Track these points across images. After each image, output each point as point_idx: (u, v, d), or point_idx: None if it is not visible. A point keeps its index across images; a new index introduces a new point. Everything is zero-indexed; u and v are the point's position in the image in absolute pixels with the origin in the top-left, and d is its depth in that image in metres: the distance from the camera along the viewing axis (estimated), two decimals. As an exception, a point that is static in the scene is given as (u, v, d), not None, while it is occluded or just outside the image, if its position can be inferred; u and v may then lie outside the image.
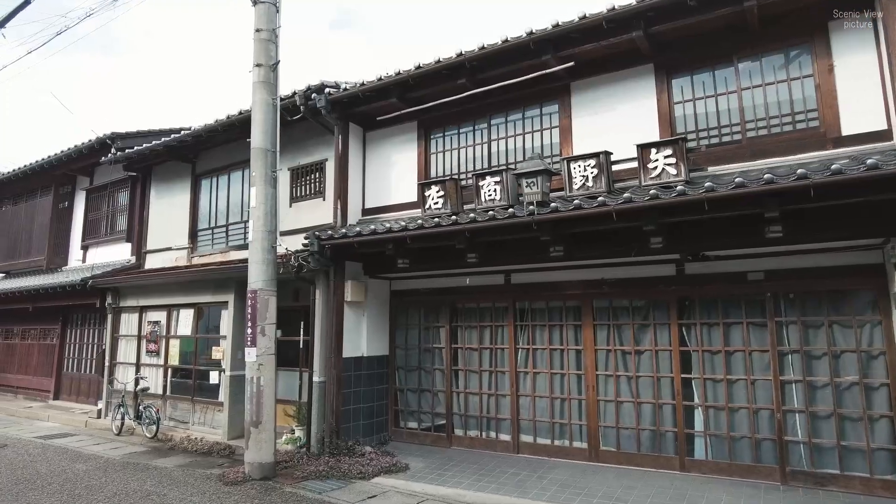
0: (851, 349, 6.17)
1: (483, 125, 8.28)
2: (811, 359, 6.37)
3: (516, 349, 8.15)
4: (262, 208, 7.65)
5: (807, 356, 6.37)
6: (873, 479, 5.87)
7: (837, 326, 6.29)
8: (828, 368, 6.24)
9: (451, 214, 7.21)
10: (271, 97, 7.88)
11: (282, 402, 9.49)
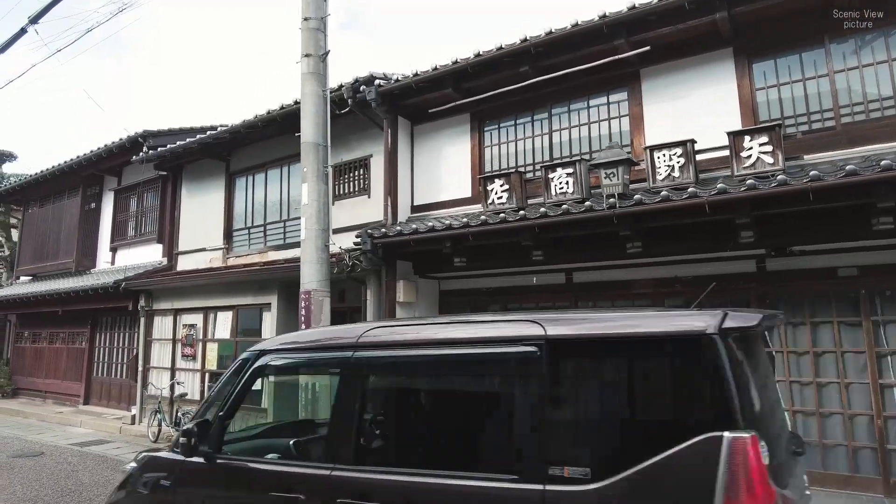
0: (960, 350, 5.73)
1: (543, 115, 7.88)
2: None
3: (579, 351, 7.73)
4: (314, 206, 7.28)
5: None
6: None
7: (943, 325, 5.86)
8: (934, 371, 5.81)
9: (517, 209, 6.81)
10: (321, 88, 7.51)
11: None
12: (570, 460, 2.30)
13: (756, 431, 2.08)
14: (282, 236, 10.29)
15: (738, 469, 2.01)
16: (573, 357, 2.52)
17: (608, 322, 2.62)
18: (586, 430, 2.46)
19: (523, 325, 2.65)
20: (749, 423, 2.10)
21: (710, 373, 2.17)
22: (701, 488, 2.04)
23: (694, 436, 2.09)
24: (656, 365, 2.40)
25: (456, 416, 3.00)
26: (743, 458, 2.02)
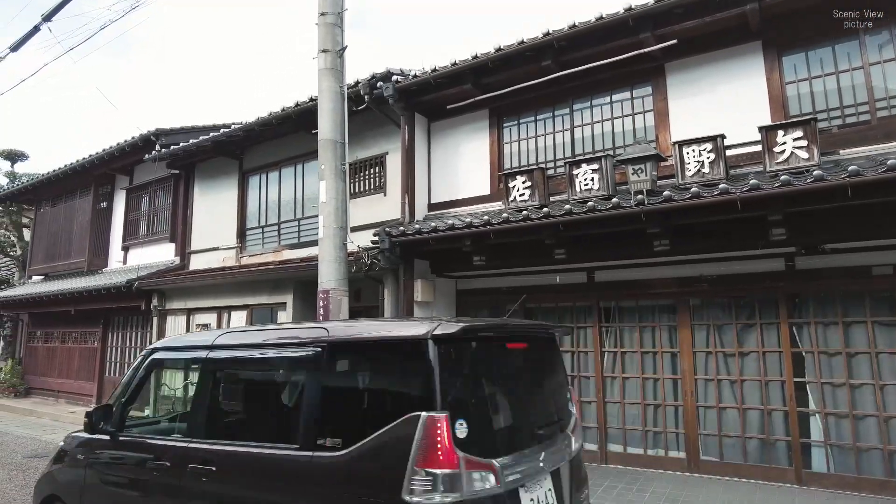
0: None
1: (564, 111, 7.73)
2: (952, 361, 5.75)
3: (602, 352, 7.59)
4: (332, 203, 7.14)
5: (947, 359, 5.76)
6: None
7: (983, 325, 5.67)
8: (974, 372, 5.62)
9: (539, 207, 6.67)
10: (339, 85, 7.37)
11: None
12: (329, 434, 3.01)
13: (451, 413, 2.69)
14: (296, 235, 10.18)
15: (427, 439, 2.65)
16: (343, 355, 3.29)
17: (367, 327, 3.52)
18: (341, 410, 3.15)
19: (316, 330, 3.46)
20: (447, 406, 2.70)
21: (421, 367, 2.81)
22: (403, 452, 2.68)
23: (405, 414, 2.74)
24: (390, 361, 3.09)
25: (268, 400, 3.80)
26: (432, 432, 2.65)
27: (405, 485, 2.65)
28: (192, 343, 4.39)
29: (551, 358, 3.89)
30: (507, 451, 2.98)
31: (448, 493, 2.62)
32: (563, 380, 3.91)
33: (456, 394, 2.82)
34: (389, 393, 3.09)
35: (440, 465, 2.63)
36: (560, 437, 3.50)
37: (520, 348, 3.55)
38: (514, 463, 2.96)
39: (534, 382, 3.64)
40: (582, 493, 3.64)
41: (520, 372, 3.54)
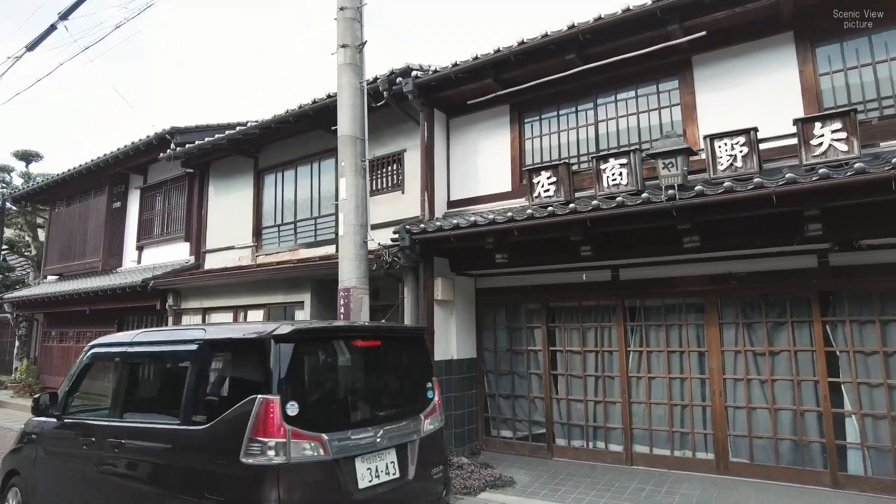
0: None
1: (587, 105, 7.58)
2: None
3: (627, 352, 7.44)
4: (352, 201, 7.04)
5: None
6: None
7: None
8: None
9: (565, 202, 6.53)
10: (358, 80, 7.26)
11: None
12: (200, 411, 3.81)
13: (284, 396, 3.44)
14: (313, 233, 10.09)
15: (260, 415, 3.40)
16: (213, 351, 4.07)
17: (232, 329, 4.46)
18: (208, 393, 3.93)
19: (197, 331, 4.37)
20: (281, 391, 3.45)
21: (262, 360, 3.58)
22: (243, 425, 3.42)
23: (249, 396, 3.49)
24: (244, 355, 3.93)
25: (163, 385, 4.55)
26: (265, 410, 3.40)
27: (243, 450, 3.41)
28: (118, 340, 5.16)
29: (413, 354, 4.65)
30: (340, 428, 3.74)
31: (275, 458, 3.38)
32: (425, 372, 4.64)
33: (291, 381, 3.56)
34: (242, 380, 3.83)
35: (270, 436, 3.38)
36: (410, 419, 4.23)
37: (371, 345, 4.31)
38: (346, 438, 3.73)
39: (384, 373, 4.45)
40: (433, 469, 4.33)
41: (367, 364, 4.26)
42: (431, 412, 4.43)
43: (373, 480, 3.82)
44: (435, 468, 4.35)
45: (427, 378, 4.59)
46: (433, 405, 4.48)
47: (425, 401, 4.46)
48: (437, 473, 4.36)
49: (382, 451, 3.93)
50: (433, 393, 4.55)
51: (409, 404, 4.33)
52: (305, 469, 3.49)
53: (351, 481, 3.69)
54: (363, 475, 3.78)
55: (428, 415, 4.38)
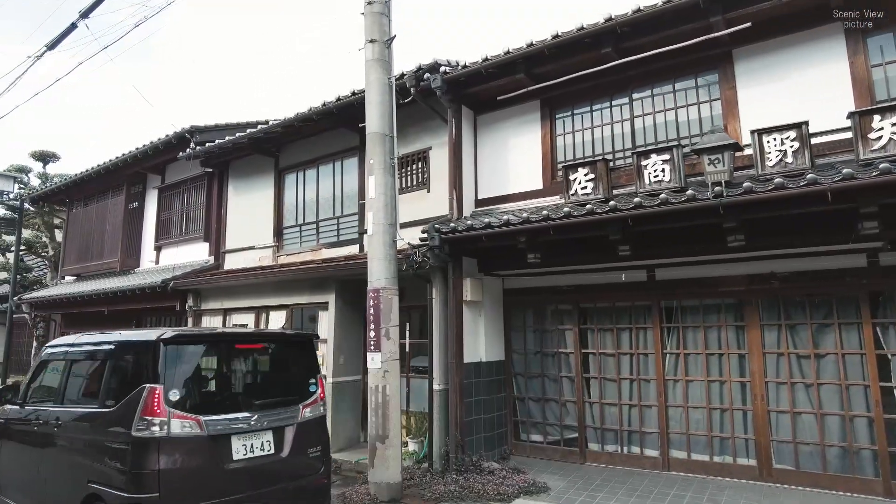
0: None
1: (622, 100, 7.37)
2: None
3: (664, 354, 7.22)
4: (381, 199, 6.87)
5: None
6: None
7: None
8: None
9: (604, 200, 6.32)
10: (387, 76, 7.11)
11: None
12: (111, 397, 4.73)
13: (167, 385, 4.40)
14: (335, 233, 9.93)
15: (147, 400, 4.34)
16: (122, 351, 4.98)
17: (137, 334, 5.31)
18: (117, 383, 4.79)
19: (114, 335, 5.31)
20: (165, 381, 4.41)
21: (152, 357, 4.49)
22: (135, 407, 4.36)
23: (140, 385, 4.43)
24: (141, 354, 4.69)
25: (89, 378, 5.34)
26: (150, 396, 4.35)
27: (133, 425, 4.34)
28: (64, 342, 6.05)
29: (299, 355, 5.59)
30: (218, 413, 4.69)
31: (158, 432, 4.31)
32: (310, 370, 5.56)
33: (174, 374, 4.55)
34: (139, 373, 4.63)
35: (154, 415, 4.33)
36: (289, 408, 5.14)
37: (253, 347, 5.38)
38: (222, 420, 4.66)
39: (266, 370, 5.54)
40: (310, 449, 5.20)
41: (249, 362, 5.39)
42: (312, 403, 5.38)
43: (247, 454, 4.77)
44: (312, 448, 5.24)
45: (312, 375, 5.54)
46: (315, 398, 5.42)
47: (307, 393, 5.38)
48: (313, 453, 5.26)
49: (259, 432, 4.87)
50: (316, 388, 5.49)
51: (289, 395, 5.25)
52: (183, 442, 4.43)
53: (225, 454, 4.64)
54: (238, 449, 4.72)
55: (308, 405, 5.33)
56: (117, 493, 4.32)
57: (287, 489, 4.99)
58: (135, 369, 4.71)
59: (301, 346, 5.63)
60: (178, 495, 4.33)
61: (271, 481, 4.85)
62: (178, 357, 4.65)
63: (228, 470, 4.59)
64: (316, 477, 5.26)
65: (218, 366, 5.12)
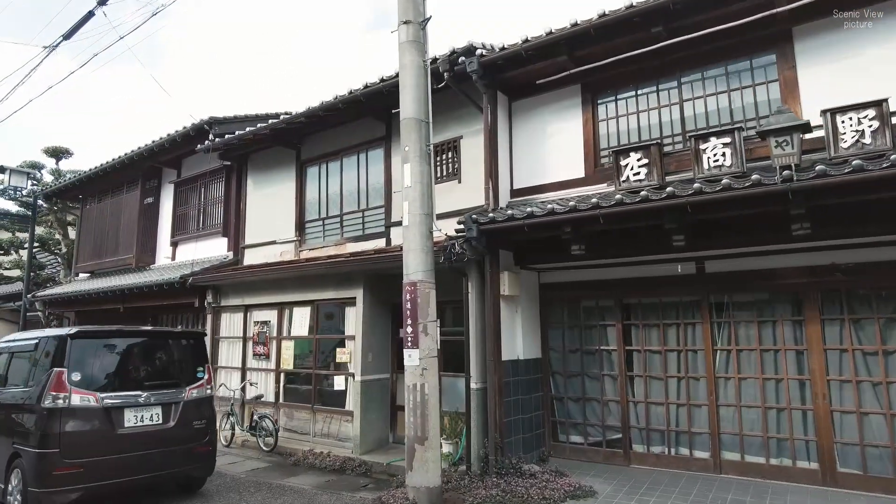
0: None
1: (670, 84, 7.00)
2: None
3: (714, 351, 6.85)
4: (417, 188, 6.53)
5: None
6: None
7: None
8: None
9: (658, 186, 5.96)
10: (422, 59, 6.76)
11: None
12: (34, 380, 6.10)
13: (70, 368, 5.83)
14: (360, 227, 9.59)
15: (54, 380, 5.77)
16: (43, 345, 6.32)
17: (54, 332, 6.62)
18: (38, 370, 6.15)
19: (39, 332, 7.22)
20: (69, 366, 5.83)
21: (61, 349, 5.93)
22: (46, 385, 5.79)
23: (51, 369, 5.86)
24: (57, 347, 6.03)
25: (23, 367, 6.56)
26: (57, 377, 5.77)
27: (43, 399, 5.70)
28: (10, 338, 7.44)
29: (190, 347, 7.00)
30: (113, 390, 6.09)
31: (61, 404, 5.69)
32: (199, 359, 6.98)
33: (77, 360, 5.94)
34: (52, 360, 5.98)
35: (59, 391, 5.72)
36: (177, 388, 6.55)
37: (147, 341, 6.85)
38: (117, 395, 6.05)
39: (158, 358, 6.79)
40: (195, 422, 6.56)
41: (143, 352, 6.68)
42: (198, 386, 6.77)
43: (137, 423, 6.13)
44: (197, 422, 6.59)
45: (200, 364, 6.95)
46: (201, 382, 6.82)
47: (195, 378, 6.79)
48: (198, 425, 6.61)
49: (149, 406, 6.25)
50: (203, 374, 6.89)
51: (178, 379, 6.67)
52: (81, 412, 5.81)
53: (118, 422, 6.00)
54: (129, 419, 6.08)
55: (195, 388, 6.71)
56: (30, 449, 5.73)
57: (174, 452, 6.32)
58: (50, 358, 6.05)
59: (192, 341, 7.10)
60: (75, 450, 5.67)
61: (158, 445, 6.19)
62: (82, 348, 6.07)
63: (120, 434, 5.97)
64: (200, 444, 6.62)
65: (117, 354, 6.40)
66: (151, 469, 6.09)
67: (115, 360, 6.33)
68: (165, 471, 6.25)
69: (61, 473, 5.54)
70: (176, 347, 6.93)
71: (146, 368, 6.59)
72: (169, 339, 7.03)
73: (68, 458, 5.57)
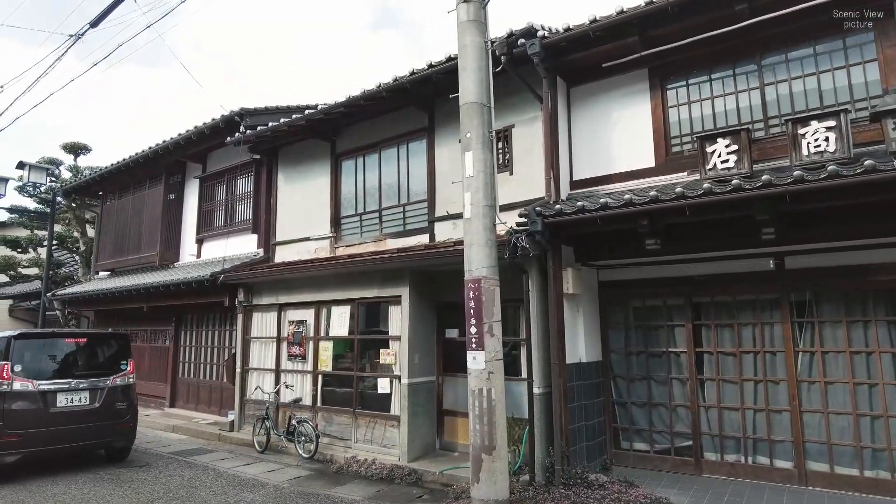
0: None
1: (749, 67, 6.52)
2: None
3: (795, 352, 6.38)
4: (480, 178, 6.06)
5: None
6: None
7: None
8: None
9: (749, 175, 5.49)
10: (483, 39, 6.30)
11: (468, 417, 7.99)
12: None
13: (14, 361, 7.44)
14: (401, 222, 9.16)
15: None
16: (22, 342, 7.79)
17: (9, 333, 7.99)
18: None
19: (8, 332, 8.10)
20: (13, 359, 7.43)
21: (7, 347, 7.52)
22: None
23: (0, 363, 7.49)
24: (4, 345, 7.58)
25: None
26: (2, 367, 7.35)
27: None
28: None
29: (114, 345, 8.52)
30: (49, 378, 7.58)
31: (4, 389, 7.18)
32: (124, 355, 8.46)
33: (19, 355, 7.46)
34: (2, 355, 7.44)
35: (3, 379, 7.22)
36: (103, 378, 8.01)
37: (78, 341, 8.32)
38: (51, 382, 7.56)
39: (87, 353, 8.21)
40: (118, 404, 8.06)
41: (75, 349, 8.14)
42: (122, 375, 8.26)
43: (68, 404, 7.59)
44: (119, 403, 8.08)
45: (124, 359, 8.43)
46: (124, 372, 8.30)
47: (119, 370, 8.27)
48: (121, 406, 8.09)
49: (78, 391, 7.73)
50: (126, 366, 8.37)
51: (104, 370, 8.12)
52: (21, 394, 7.30)
53: (52, 402, 7.48)
54: (61, 401, 7.55)
55: (118, 377, 8.20)
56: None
57: (99, 426, 7.84)
58: (3, 355, 7.43)
59: (117, 340, 8.68)
60: (15, 424, 7.18)
61: (85, 421, 7.71)
62: (23, 346, 7.62)
63: (53, 412, 7.47)
64: (122, 421, 8.13)
65: (53, 351, 7.94)
66: (79, 440, 7.67)
67: (50, 356, 7.89)
68: (91, 441, 7.86)
69: (4, 441, 7.11)
70: (104, 345, 8.48)
71: (77, 362, 8.05)
72: (98, 338, 8.72)
73: (10, 430, 7.15)
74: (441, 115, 8.76)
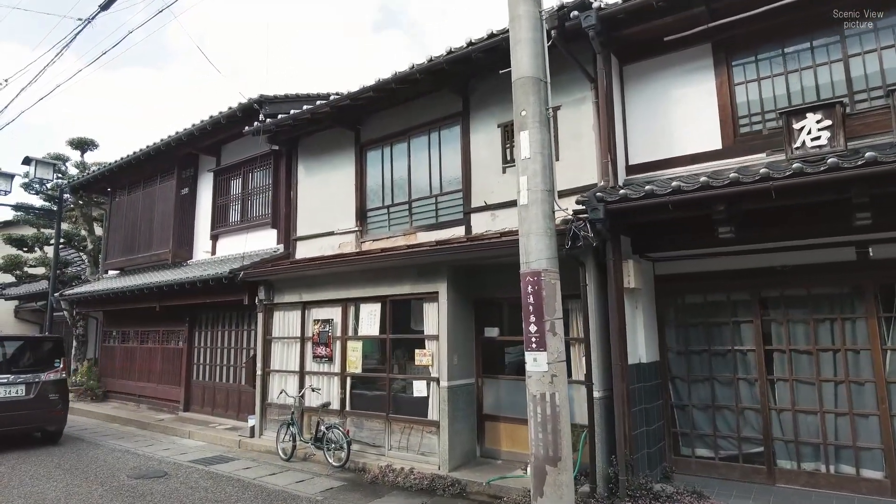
0: None
1: (829, 39, 5.95)
2: None
3: (883, 350, 5.81)
4: (538, 160, 5.48)
5: None
6: None
7: None
8: None
9: (843, 153, 4.93)
10: (538, 9, 5.74)
11: (515, 422, 7.44)
12: None
13: None
14: (433, 214, 8.60)
15: None
16: None
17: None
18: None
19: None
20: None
21: None
22: None
23: None
24: None
25: None
26: None
27: None
28: None
29: (48, 346, 9.94)
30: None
31: None
32: (57, 354, 9.83)
33: None
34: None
35: None
36: (37, 373, 9.34)
37: (16, 342, 9.96)
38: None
39: (25, 352, 9.57)
40: (50, 396, 9.38)
41: (14, 349, 9.51)
42: (54, 372, 9.59)
43: (5, 395, 8.90)
44: (52, 395, 9.40)
45: (57, 357, 9.78)
46: (56, 369, 9.64)
47: (52, 367, 9.60)
48: (53, 397, 9.41)
49: (14, 384, 9.05)
50: (59, 364, 9.72)
51: (39, 367, 9.45)
52: None
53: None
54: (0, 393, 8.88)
55: (50, 373, 9.52)
56: None
57: (33, 414, 9.19)
58: None
59: (51, 342, 10.11)
60: None
61: (21, 409, 9.00)
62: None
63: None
64: (55, 410, 9.46)
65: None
66: (16, 424, 9.00)
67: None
68: (27, 426, 9.26)
69: None
70: (40, 346, 9.88)
71: (15, 359, 9.34)
72: (34, 340, 10.40)
73: None
74: (476, 99, 8.21)
